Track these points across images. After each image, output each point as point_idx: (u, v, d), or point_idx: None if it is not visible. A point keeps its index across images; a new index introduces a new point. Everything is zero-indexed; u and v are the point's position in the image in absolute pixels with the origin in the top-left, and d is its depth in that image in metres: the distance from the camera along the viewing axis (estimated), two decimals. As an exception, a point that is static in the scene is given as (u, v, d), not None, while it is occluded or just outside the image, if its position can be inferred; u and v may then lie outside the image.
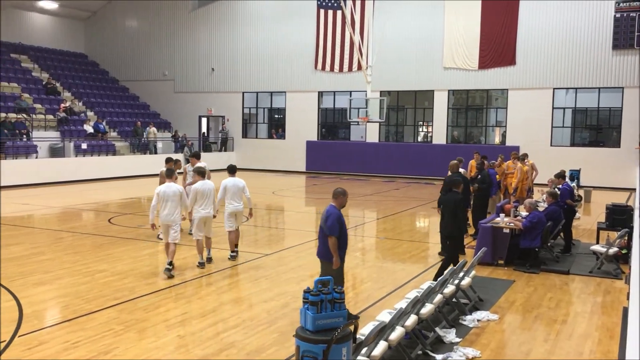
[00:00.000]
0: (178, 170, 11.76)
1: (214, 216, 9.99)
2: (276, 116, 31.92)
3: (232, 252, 10.34)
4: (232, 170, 10.45)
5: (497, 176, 14.42)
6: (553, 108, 25.05)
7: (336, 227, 6.62)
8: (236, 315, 7.29)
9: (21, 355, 5.85)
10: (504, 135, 26.64)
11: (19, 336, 6.38)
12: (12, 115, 23.87)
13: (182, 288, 8.56)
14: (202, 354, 6.06)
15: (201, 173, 9.86)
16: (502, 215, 10.89)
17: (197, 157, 12.36)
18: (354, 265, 10.28)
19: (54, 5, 31.74)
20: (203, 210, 9.65)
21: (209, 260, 9.95)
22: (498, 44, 25.39)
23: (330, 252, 6.68)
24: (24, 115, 24.44)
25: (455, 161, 11.61)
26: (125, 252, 10.76)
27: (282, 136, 30.86)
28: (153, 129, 28.69)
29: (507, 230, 10.17)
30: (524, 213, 10.71)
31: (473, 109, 28.08)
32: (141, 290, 8.30)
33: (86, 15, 34.62)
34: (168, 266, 9.11)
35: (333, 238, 6.64)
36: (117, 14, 34.01)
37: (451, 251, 8.79)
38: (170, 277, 8.97)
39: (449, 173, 11.50)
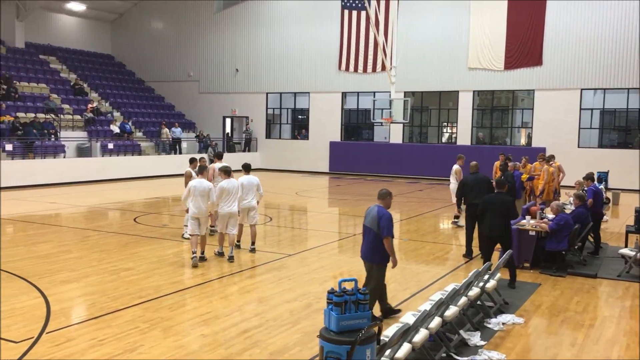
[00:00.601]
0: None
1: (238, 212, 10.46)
2: (299, 117, 31.99)
3: (237, 242, 10.90)
4: (247, 168, 10.97)
5: (522, 177, 14.24)
6: (580, 109, 24.66)
7: (391, 228, 6.73)
8: (259, 315, 7.32)
9: (49, 352, 5.95)
10: (529, 137, 26.31)
11: (47, 333, 6.49)
12: (41, 115, 24.32)
13: (206, 287, 8.62)
14: (225, 353, 6.09)
15: (227, 172, 10.29)
16: (527, 217, 10.75)
17: (220, 157, 12.48)
18: (377, 266, 10.23)
19: (82, 7, 32.26)
20: (227, 207, 10.10)
21: (231, 258, 10.19)
22: (524, 44, 25.09)
23: (378, 254, 6.76)
24: (53, 116, 24.88)
25: (476, 162, 11.56)
26: (150, 251, 10.88)
27: (305, 137, 30.91)
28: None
29: (533, 233, 10.03)
30: (551, 215, 10.55)
31: (498, 110, 27.78)
32: (166, 289, 8.38)
33: (113, 17, 35.12)
34: (196, 255, 9.86)
35: (389, 239, 6.72)
36: (143, 16, 34.43)
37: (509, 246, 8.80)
38: (195, 265, 9.71)
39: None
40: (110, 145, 25.39)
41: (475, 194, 10.58)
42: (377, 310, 7.18)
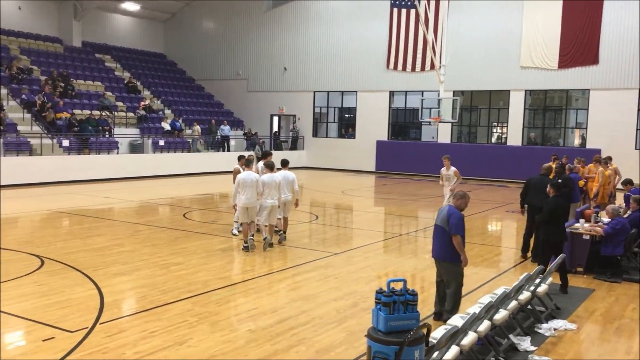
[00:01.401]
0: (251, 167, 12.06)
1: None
2: (346, 115, 31.96)
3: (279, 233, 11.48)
4: (284, 163, 11.65)
5: (581, 182, 13.79)
6: (638, 109, 23.76)
7: (460, 226, 6.75)
8: (306, 312, 7.35)
9: (102, 342, 6.13)
10: (584, 138, 25.53)
11: (101, 323, 6.69)
12: (96, 112, 25.08)
13: (253, 283, 8.72)
14: (272, 349, 6.14)
15: (270, 167, 11.01)
16: (581, 221, 10.43)
17: (268, 156, 12.61)
18: (424, 267, 10.14)
19: (136, 7, 33.11)
20: (270, 200, 10.72)
21: (271, 244, 10.91)
22: (580, 42, 24.34)
23: (450, 252, 6.80)
24: (107, 113, 25.63)
25: (549, 165, 11.61)
26: (199, 246, 11.07)
27: (352, 135, 30.86)
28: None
29: (587, 237, 9.73)
30: (606, 219, 10.21)
31: (551, 110, 27.06)
32: (214, 284, 8.52)
33: (166, 17, 35.91)
34: (247, 244, 10.61)
35: (458, 237, 6.74)
36: (195, 16, 35.07)
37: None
38: (246, 249, 10.59)
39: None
40: (161, 142, 25.98)
41: (533, 194, 10.59)
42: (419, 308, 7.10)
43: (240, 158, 12.22)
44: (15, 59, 25.66)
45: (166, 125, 27.48)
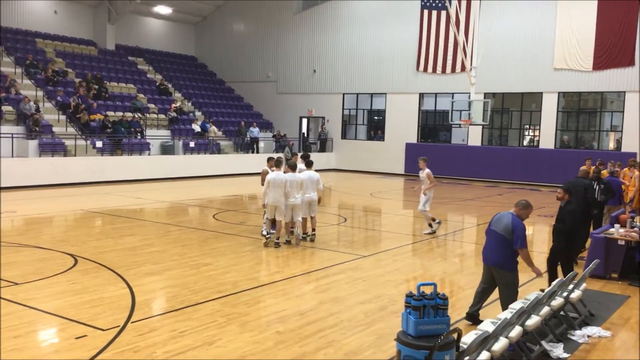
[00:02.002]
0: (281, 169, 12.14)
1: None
2: (376, 118, 31.86)
3: (304, 234, 11.75)
4: (309, 164, 11.90)
5: (623, 186, 13.46)
6: (676, 112, 23.14)
7: (525, 239, 6.66)
8: (334, 314, 7.34)
9: (134, 341, 6.22)
10: (619, 141, 24.97)
11: (132, 322, 6.78)
12: (128, 114, 25.51)
13: (281, 285, 8.74)
14: (300, 351, 6.14)
15: (292, 167, 11.42)
16: (616, 226, 10.19)
17: (295, 156, 12.78)
18: (454, 271, 10.05)
19: (168, 10, 33.58)
20: (292, 199, 11.14)
21: (304, 239, 11.52)
22: (615, 43, 23.81)
23: (509, 262, 6.72)
24: (139, 115, 26.04)
25: (585, 168, 11.43)
26: (229, 247, 11.15)
27: (381, 138, 30.75)
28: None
29: (622, 242, 9.51)
30: (642, 224, 9.96)
31: (585, 113, 26.54)
32: (243, 284, 8.57)
33: (197, 20, 36.33)
34: (270, 236, 11.21)
35: (525, 250, 6.69)
36: (226, 18, 35.40)
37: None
38: (266, 245, 11.10)
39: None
40: (192, 144, 26.27)
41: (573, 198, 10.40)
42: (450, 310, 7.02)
43: (269, 160, 12.31)
44: (51, 62, 26.26)
45: (196, 127, 27.78)
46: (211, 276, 9.00)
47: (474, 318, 7.07)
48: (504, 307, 6.71)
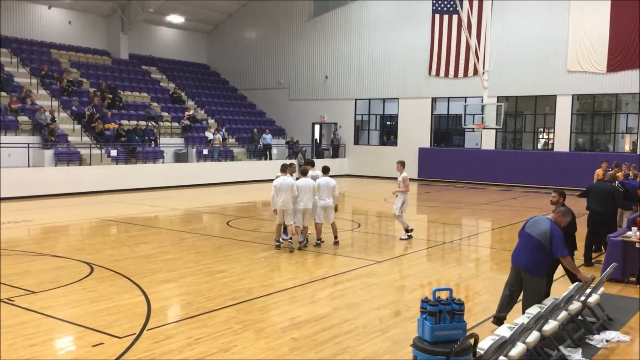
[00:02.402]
0: (294, 174, 12.17)
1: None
2: (388, 123, 31.82)
3: (319, 239, 11.88)
4: (325, 170, 12.07)
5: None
6: (693, 113, 22.87)
7: (563, 246, 6.48)
8: (349, 320, 7.31)
9: (149, 348, 6.24)
10: (634, 143, 24.71)
11: (148, 330, 6.81)
12: (142, 122, 25.71)
13: (296, 291, 8.73)
14: (316, 357, 6.12)
15: (303, 173, 11.67)
16: (634, 229, 10.06)
17: (312, 164, 12.78)
18: (469, 276, 9.98)
19: (180, 20, 33.86)
20: (302, 203, 11.36)
21: (304, 244, 11.67)
22: (629, 44, 23.59)
23: (539, 266, 6.58)
24: (153, 123, 26.24)
25: (612, 172, 11.58)
26: (243, 254, 11.17)
27: (393, 143, 30.69)
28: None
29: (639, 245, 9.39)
30: (660, 227, 9.83)
31: (600, 115, 26.31)
32: (257, 291, 8.58)
33: (209, 28, 36.58)
34: (281, 240, 11.57)
35: (568, 257, 6.62)
36: (238, 27, 35.61)
37: None
38: (291, 249, 11.29)
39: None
40: (205, 151, 26.40)
41: (592, 199, 10.69)
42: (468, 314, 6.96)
43: (288, 166, 12.41)
44: (66, 72, 26.57)
45: (209, 135, 27.91)
46: (226, 283, 9.01)
47: (501, 322, 6.98)
48: (523, 309, 6.64)
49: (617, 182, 12.28)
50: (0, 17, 26.61)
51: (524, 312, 6.57)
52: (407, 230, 13.09)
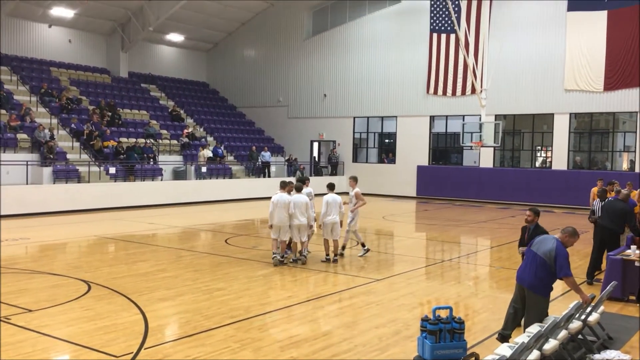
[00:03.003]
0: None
1: (310, 226, 11.86)
2: (386, 141, 31.91)
3: (327, 256, 12.13)
4: (331, 187, 12.35)
5: (637, 207, 13.30)
6: (690, 131, 22.97)
7: (569, 267, 6.51)
8: (348, 339, 7.26)
9: (147, 367, 6.18)
10: (632, 162, 24.77)
11: (145, 349, 6.75)
12: (141, 140, 25.74)
13: (294, 310, 8.68)
14: (314, 377, 6.07)
15: (298, 189, 11.84)
16: (633, 247, 10.05)
17: (304, 181, 12.93)
18: (468, 294, 9.93)
19: (180, 38, 34.09)
20: (295, 220, 11.54)
21: (298, 260, 11.91)
22: (626, 63, 23.77)
23: (543, 286, 6.60)
24: (152, 141, 26.28)
25: (627, 192, 11.83)
26: (241, 271, 11.13)
27: (392, 161, 30.75)
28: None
29: (639, 264, 9.36)
30: (659, 245, 9.82)
31: (597, 133, 26.42)
32: (256, 310, 8.53)
33: (208, 47, 36.82)
34: (276, 256, 11.68)
35: (571, 278, 6.56)
36: (237, 45, 35.85)
37: None
38: (280, 262, 11.58)
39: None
40: (204, 169, 26.41)
41: (603, 216, 10.86)
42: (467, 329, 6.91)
43: (288, 184, 12.43)
44: (65, 90, 26.67)
45: (208, 152, 27.93)
46: (224, 301, 8.96)
47: (506, 340, 6.93)
48: (524, 328, 6.61)
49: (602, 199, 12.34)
50: (0, 35, 26.76)
51: (524, 331, 6.53)
52: (363, 245, 13.11)
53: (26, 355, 6.46)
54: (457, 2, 23.67)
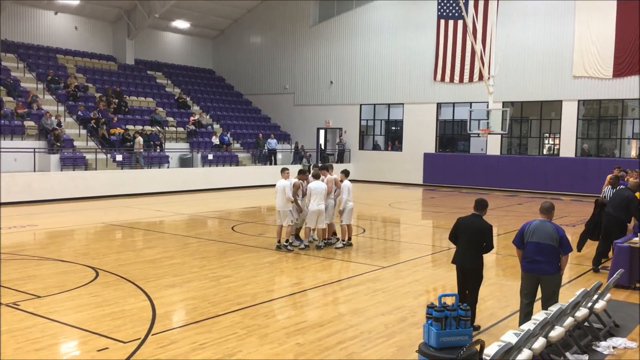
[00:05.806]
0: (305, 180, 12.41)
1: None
2: (393, 128, 31.82)
3: (343, 240, 12.36)
4: (347, 174, 12.47)
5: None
6: (700, 118, 22.76)
7: (569, 244, 6.85)
8: (354, 326, 7.29)
9: (154, 353, 6.23)
10: (641, 149, 24.61)
11: (153, 335, 6.80)
12: (147, 127, 25.76)
13: (300, 297, 8.71)
14: (321, 363, 6.10)
15: (316, 176, 11.94)
16: (640, 234, 10.02)
17: (315, 167, 12.85)
18: (475, 281, 9.91)
19: (186, 25, 33.99)
20: (315, 205, 11.66)
21: (307, 246, 12.06)
22: (636, 49, 23.50)
23: (556, 265, 6.77)
24: (158, 128, 26.29)
25: (636, 181, 11.79)
26: (248, 259, 11.17)
27: (399, 148, 30.67)
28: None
29: (647, 252, 9.33)
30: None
31: (606, 120, 26.22)
32: (262, 296, 8.56)
33: (215, 34, 36.70)
34: (280, 243, 11.88)
35: (568, 256, 6.84)
36: (243, 32, 35.72)
37: None
38: (285, 248, 11.79)
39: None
40: (210, 156, 26.43)
41: (609, 203, 10.95)
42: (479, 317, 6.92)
43: (300, 172, 12.66)
44: (72, 77, 26.68)
45: (215, 140, 27.96)
46: (230, 288, 9.00)
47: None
48: (545, 307, 6.74)
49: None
50: (0, 22, 26.71)
51: (544, 308, 6.64)
52: (338, 239, 12.65)
53: (35, 341, 6.53)
54: (464, -12, 23.43)
